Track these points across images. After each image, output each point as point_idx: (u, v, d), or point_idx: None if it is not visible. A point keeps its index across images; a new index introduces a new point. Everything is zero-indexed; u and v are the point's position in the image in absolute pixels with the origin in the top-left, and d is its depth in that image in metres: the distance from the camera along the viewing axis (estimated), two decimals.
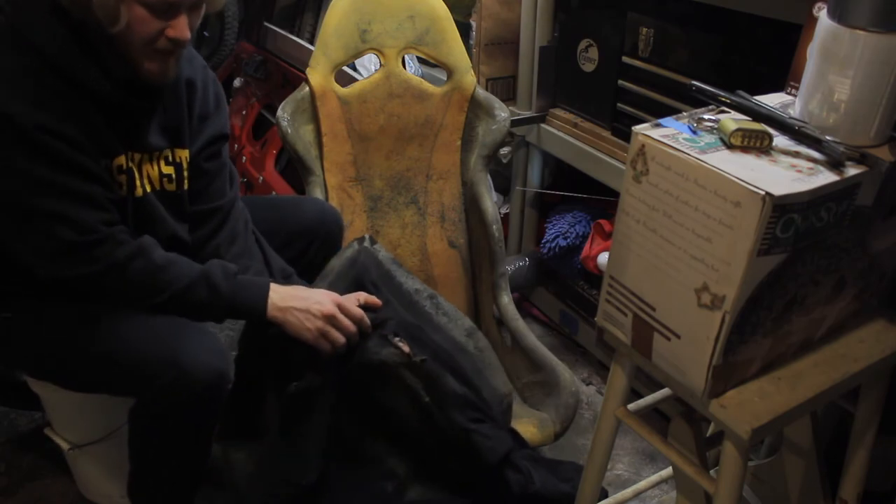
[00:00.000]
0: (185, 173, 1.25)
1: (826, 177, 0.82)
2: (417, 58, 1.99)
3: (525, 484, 1.33)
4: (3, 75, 1.03)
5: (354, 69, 2.03)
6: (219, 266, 1.20)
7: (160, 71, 1.11)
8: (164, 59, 1.10)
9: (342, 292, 1.30)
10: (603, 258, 1.81)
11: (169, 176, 1.23)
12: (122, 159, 1.15)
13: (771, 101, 0.98)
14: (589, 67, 1.76)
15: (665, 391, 1.13)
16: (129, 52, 1.08)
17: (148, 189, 1.20)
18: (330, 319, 1.22)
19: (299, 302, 1.22)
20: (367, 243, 1.42)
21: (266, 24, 2.52)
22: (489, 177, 1.79)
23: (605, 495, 1.32)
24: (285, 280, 1.32)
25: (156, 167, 1.21)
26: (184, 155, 1.24)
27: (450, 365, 1.33)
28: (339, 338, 1.23)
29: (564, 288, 1.98)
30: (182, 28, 1.08)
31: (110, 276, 1.11)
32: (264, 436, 1.34)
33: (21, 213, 1.08)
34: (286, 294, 1.23)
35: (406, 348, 1.28)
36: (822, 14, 0.87)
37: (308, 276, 1.39)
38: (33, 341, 1.19)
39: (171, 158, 1.23)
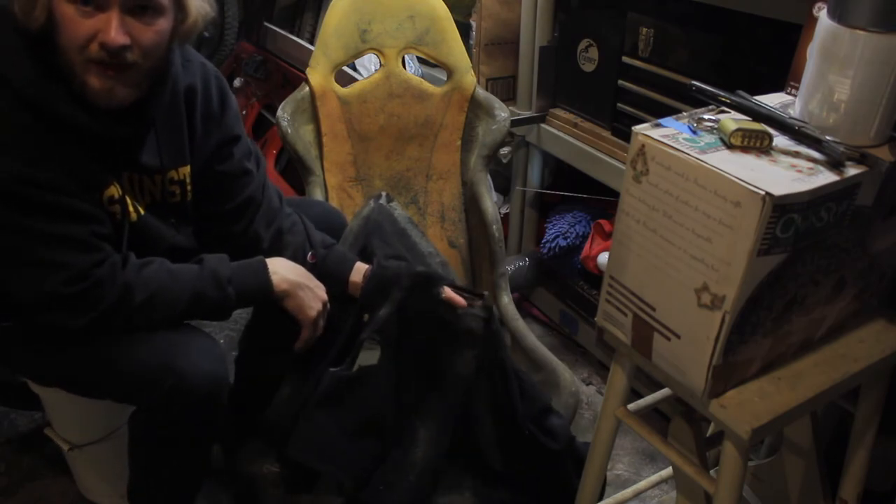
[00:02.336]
0: (189, 187, 1.22)
1: (826, 177, 0.82)
2: (417, 58, 1.99)
3: (567, 426, 1.34)
4: None
5: (354, 69, 2.03)
6: (211, 263, 1.17)
7: (103, 88, 1.00)
8: (104, 73, 0.99)
9: (357, 251, 1.35)
10: (603, 258, 1.81)
11: (172, 192, 1.21)
12: (112, 190, 1.09)
13: (771, 101, 0.98)
14: (589, 67, 1.76)
15: (665, 391, 1.13)
16: (72, 69, 0.99)
17: (143, 211, 1.16)
18: (324, 306, 1.25)
19: (308, 280, 1.24)
20: (383, 200, 1.40)
21: (266, 24, 2.53)
22: (489, 177, 1.79)
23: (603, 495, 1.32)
24: (325, 249, 1.32)
25: (158, 185, 1.18)
26: (186, 171, 1.21)
27: None
28: (320, 329, 1.25)
29: (564, 288, 1.98)
30: (111, 31, 0.96)
31: (105, 321, 1.08)
32: (274, 430, 1.34)
33: (8, 264, 1.04)
34: (293, 269, 1.23)
35: (463, 300, 1.27)
36: (822, 14, 0.87)
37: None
38: (34, 350, 1.18)
39: (174, 178, 1.20)
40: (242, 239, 1.27)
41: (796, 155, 0.86)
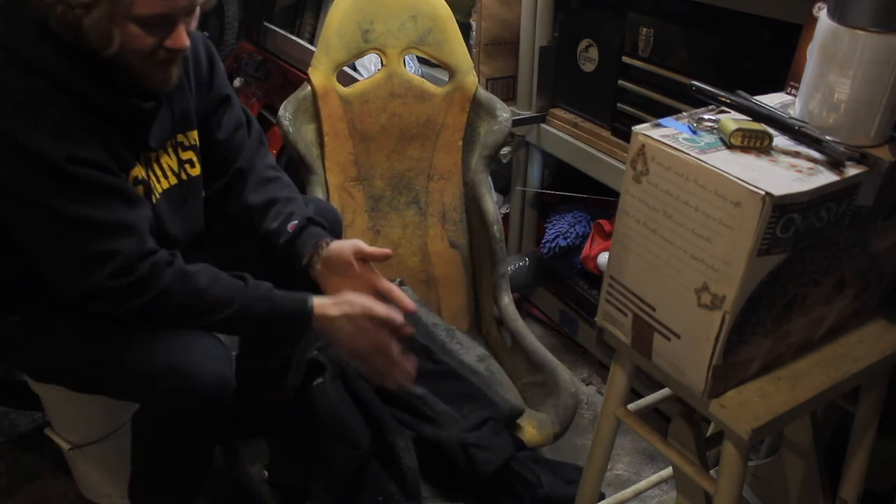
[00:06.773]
0: (200, 155, 1.24)
1: (826, 177, 0.82)
2: (418, 58, 1.99)
3: (534, 489, 1.34)
4: (15, 102, 0.98)
5: (354, 69, 2.03)
6: (255, 283, 1.17)
7: (164, 80, 1.08)
8: (167, 67, 1.07)
9: None
10: (603, 258, 1.81)
11: (190, 161, 1.22)
12: (138, 170, 1.12)
13: (771, 101, 0.98)
14: (589, 67, 1.76)
15: (665, 391, 1.13)
16: (129, 68, 1.04)
17: (160, 190, 1.18)
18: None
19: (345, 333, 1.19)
20: (395, 283, 1.43)
21: (266, 24, 2.53)
22: (490, 177, 1.79)
23: (603, 496, 1.32)
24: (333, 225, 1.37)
25: (174, 156, 1.20)
26: (194, 136, 1.23)
27: (452, 379, 1.38)
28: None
29: (564, 288, 1.98)
30: (181, 37, 1.04)
31: (144, 311, 1.09)
32: (277, 426, 1.35)
33: (61, 251, 1.05)
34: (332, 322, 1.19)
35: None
36: (822, 14, 0.87)
37: (307, 273, 1.40)
38: (39, 345, 1.18)
39: (186, 143, 1.21)
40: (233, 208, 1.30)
41: (796, 155, 0.86)
